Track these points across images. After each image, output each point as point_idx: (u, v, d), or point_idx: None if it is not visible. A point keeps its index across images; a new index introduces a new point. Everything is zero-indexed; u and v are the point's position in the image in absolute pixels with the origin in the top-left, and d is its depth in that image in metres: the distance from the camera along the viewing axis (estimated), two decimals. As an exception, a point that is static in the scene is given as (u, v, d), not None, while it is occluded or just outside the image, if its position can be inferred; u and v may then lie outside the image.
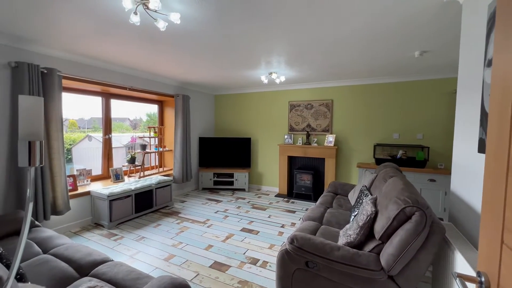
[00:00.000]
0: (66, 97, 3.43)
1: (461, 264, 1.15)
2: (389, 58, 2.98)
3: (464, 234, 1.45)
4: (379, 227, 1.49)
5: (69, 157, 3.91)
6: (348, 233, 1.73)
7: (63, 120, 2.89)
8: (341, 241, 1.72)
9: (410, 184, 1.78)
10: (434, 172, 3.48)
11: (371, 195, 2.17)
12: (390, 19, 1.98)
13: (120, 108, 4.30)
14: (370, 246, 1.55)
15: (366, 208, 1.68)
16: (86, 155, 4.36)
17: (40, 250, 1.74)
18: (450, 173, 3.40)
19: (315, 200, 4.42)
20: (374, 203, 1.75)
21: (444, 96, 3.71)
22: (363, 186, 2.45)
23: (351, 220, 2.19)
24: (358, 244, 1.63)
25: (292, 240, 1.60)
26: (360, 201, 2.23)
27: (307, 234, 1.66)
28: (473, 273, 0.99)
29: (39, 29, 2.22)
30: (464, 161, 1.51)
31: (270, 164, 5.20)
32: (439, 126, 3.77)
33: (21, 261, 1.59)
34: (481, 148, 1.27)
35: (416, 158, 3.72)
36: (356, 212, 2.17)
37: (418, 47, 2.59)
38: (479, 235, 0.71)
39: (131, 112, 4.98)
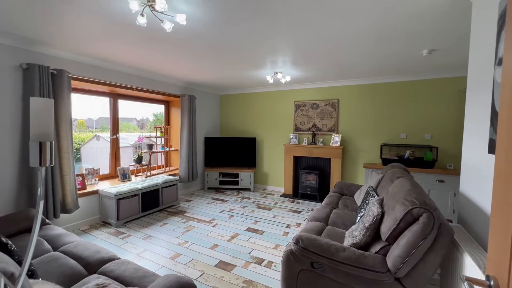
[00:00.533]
0: (75, 97, 3.50)
1: (470, 267, 1.13)
2: (397, 56, 2.93)
3: (473, 236, 1.42)
4: (386, 228, 1.47)
5: (78, 156, 3.99)
6: (354, 234, 1.72)
7: (72, 120, 2.95)
8: (347, 242, 1.71)
9: (418, 185, 1.75)
10: (443, 173, 3.41)
11: (378, 195, 2.15)
12: (398, 16, 1.95)
13: (127, 108, 4.37)
14: (377, 247, 1.53)
15: (373, 209, 1.67)
16: (94, 154, 4.44)
17: (50, 247, 1.78)
18: (459, 174, 3.33)
19: (321, 200, 4.40)
20: (381, 204, 1.72)
21: (454, 95, 3.64)
22: (369, 187, 2.42)
23: (357, 221, 2.17)
24: (364, 245, 1.61)
25: (297, 241, 1.60)
26: (366, 201, 2.21)
27: (312, 235, 1.66)
28: (482, 277, 0.97)
29: (49, 32, 2.28)
30: (473, 162, 1.48)
31: (276, 164, 5.20)
32: (448, 126, 3.70)
33: (32, 258, 1.63)
34: (492, 149, 1.24)
35: (424, 158, 3.65)
36: (362, 213, 2.15)
37: (426, 45, 2.54)
38: (488, 238, 0.70)
39: (138, 112, 5.05)
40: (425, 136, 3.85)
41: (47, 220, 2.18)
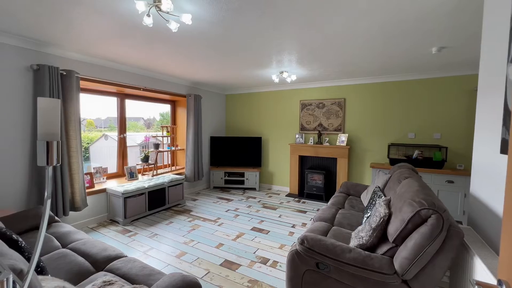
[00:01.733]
0: (83, 97, 3.56)
1: (480, 271, 1.10)
2: (405, 54, 2.88)
3: (484, 238, 1.39)
4: (393, 230, 1.45)
5: (87, 155, 4.07)
6: (360, 235, 1.69)
7: (81, 120, 3.01)
8: (353, 243, 1.68)
9: (426, 185, 1.71)
10: (453, 173, 3.33)
11: (385, 196, 2.11)
12: (406, 14, 1.91)
13: (135, 108, 4.43)
14: (383, 249, 1.51)
15: (379, 209, 1.64)
16: (103, 153, 4.52)
17: (59, 244, 1.82)
18: (470, 175, 3.25)
19: (327, 200, 4.36)
20: (388, 204, 1.70)
21: (464, 94, 3.55)
22: (376, 187, 2.39)
23: (363, 221, 2.14)
24: (371, 247, 1.59)
25: (302, 241, 1.59)
26: (373, 202, 2.18)
27: (318, 235, 1.64)
28: (493, 281, 0.94)
29: (58, 33, 2.32)
30: (485, 162, 1.44)
31: (281, 164, 5.18)
32: (458, 126, 3.61)
33: (42, 255, 1.67)
34: (504, 149, 1.20)
35: (433, 158, 3.58)
36: (369, 214, 2.12)
37: (436, 43, 2.48)
38: (500, 240, 0.68)
39: (145, 111, 5.12)
40: (434, 136, 3.77)
41: (56, 218, 2.22)
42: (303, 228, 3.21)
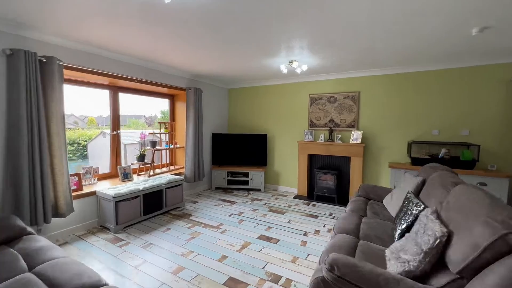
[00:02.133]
0: (84, 94, 3.25)
1: None
2: (437, 37, 2.46)
3: None
4: (458, 257, 1.07)
5: (85, 153, 3.75)
6: (403, 258, 1.33)
7: (83, 118, 2.65)
8: (394, 268, 1.32)
9: (495, 197, 1.33)
10: (486, 175, 2.95)
11: (423, 204, 1.74)
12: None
13: (136, 105, 4.10)
14: (441, 280, 1.14)
15: (431, 226, 1.27)
16: (100, 152, 4.18)
17: (25, 266, 1.47)
18: (505, 176, 2.87)
19: (339, 203, 3.99)
20: (440, 219, 1.32)
21: (499, 85, 3.13)
22: (408, 193, 2.02)
23: (396, 234, 1.77)
24: (421, 275, 1.22)
25: (331, 267, 1.22)
26: (408, 211, 1.81)
27: (350, 259, 1.27)
28: None
29: (32, 10, 1.95)
30: None
31: (288, 163, 4.80)
32: (490, 121, 3.21)
33: (1, 281, 1.32)
34: None
35: (461, 157, 3.19)
36: (403, 226, 1.75)
37: (478, 20, 2.07)
38: None
39: (146, 109, 4.77)
40: (461, 133, 3.37)
41: (29, 229, 1.86)
42: (316, 236, 2.85)
